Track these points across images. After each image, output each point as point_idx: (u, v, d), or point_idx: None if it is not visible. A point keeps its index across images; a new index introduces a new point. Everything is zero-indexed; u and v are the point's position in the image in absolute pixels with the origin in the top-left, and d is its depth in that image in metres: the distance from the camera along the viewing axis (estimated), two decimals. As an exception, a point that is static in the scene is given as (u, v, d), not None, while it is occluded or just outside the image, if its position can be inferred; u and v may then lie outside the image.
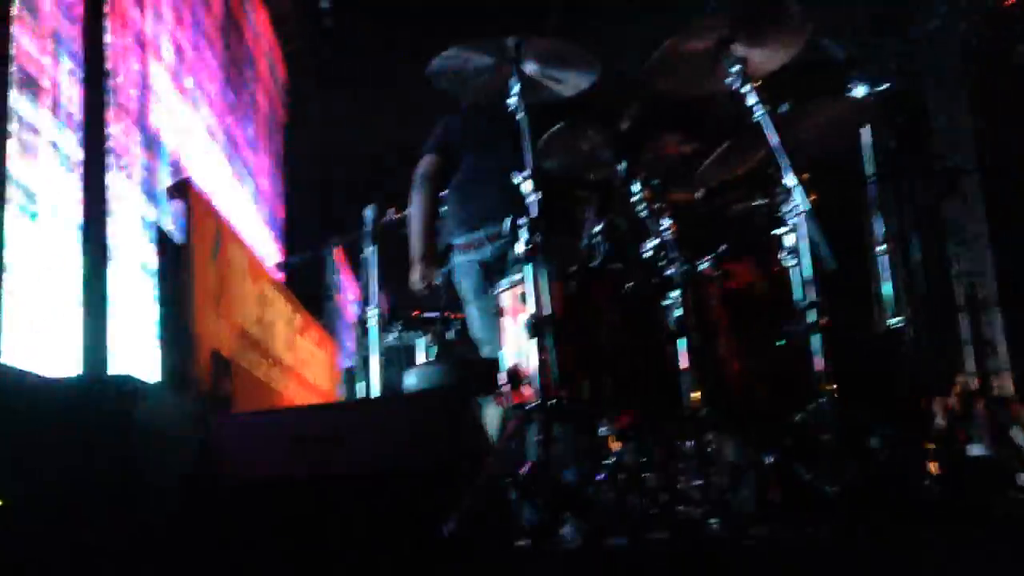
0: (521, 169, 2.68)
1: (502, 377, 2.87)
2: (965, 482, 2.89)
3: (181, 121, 5.41)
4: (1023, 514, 2.89)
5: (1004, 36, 12.28)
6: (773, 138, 2.65)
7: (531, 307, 2.59)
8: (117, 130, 4.03)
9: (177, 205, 4.90)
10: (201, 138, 5.95)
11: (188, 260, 4.45)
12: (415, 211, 3.98)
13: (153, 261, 4.36)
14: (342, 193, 11.24)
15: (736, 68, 2.72)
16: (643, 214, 3.00)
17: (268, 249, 8.45)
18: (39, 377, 2.44)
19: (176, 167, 5.23)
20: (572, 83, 2.94)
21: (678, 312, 2.79)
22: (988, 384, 11.61)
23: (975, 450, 7.15)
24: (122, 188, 4.05)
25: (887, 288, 3.26)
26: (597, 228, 3.04)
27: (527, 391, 2.81)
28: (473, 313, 3.78)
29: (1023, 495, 3.32)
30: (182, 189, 4.99)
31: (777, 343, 2.98)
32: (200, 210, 4.91)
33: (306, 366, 6.68)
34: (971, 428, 9.35)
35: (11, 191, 2.73)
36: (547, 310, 2.58)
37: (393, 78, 10.28)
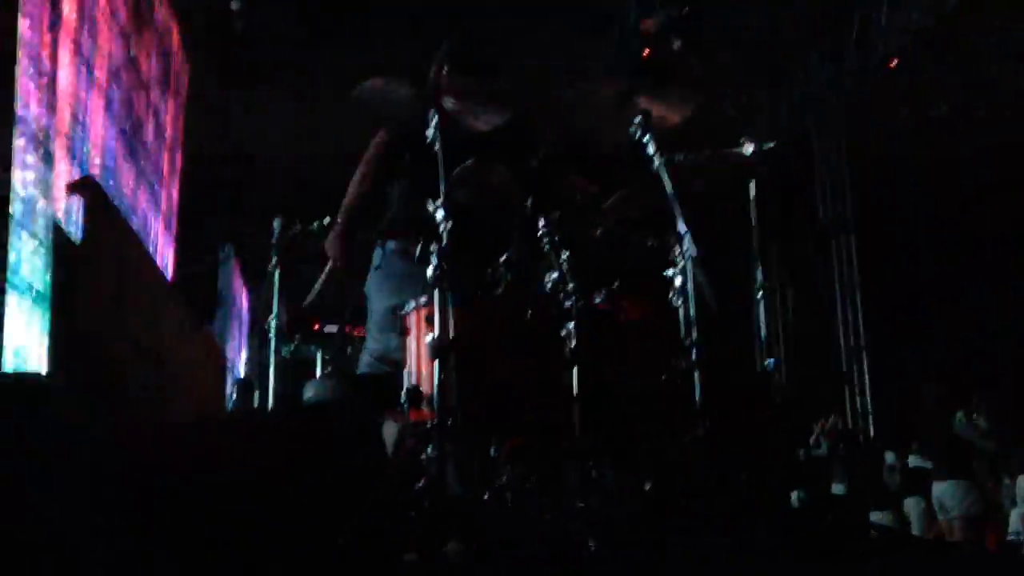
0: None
1: (402, 395, 2.97)
2: (822, 518, 3.13)
3: (80, 116, 5.33)
4: (870, 550, 3.14)
5: (886, 97, 13.08)
6: (668, 185, 2.85)
7: (436, 330, 2.71)
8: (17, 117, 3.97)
9: (77, 202, 4.84)
10: (101, 136, 5.87)
11: (84, 259, 4.41)
12: (352, 184, 3.69)
13: (49, 258, 4.30)
14: (247, 202, 11.16)
15: (638, 119, 2.92)
16: (545, 248, 3.17)
17: (166, 252, 8.31)
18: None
19: (79, 165, 5.15)
20: (487, 119, 3.08)
21: (572, 343, 2.95)
22: (855, 426, 12.27)
23: (836, 488, 7.63)
24: (18, 185, 3.99)
25: (763, 332, 3.50)
26: (501, 258, 3.19)
27: (425, 410, 2.92)
28: (378, 312, 3.63)
29: (874, 532, 3.59)
30: (82, 186, 4.93)
31: (662, 377, 3.18)
32: (99, 208, 4.86)
33: (194, 372, 6.61)
34: (834, 466, 9.93)
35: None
36: (450, 334, 2.71)
37: (305, 89, 10.31)
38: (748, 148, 3.12)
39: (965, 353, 13.90)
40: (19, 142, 3.93)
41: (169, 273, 6.97)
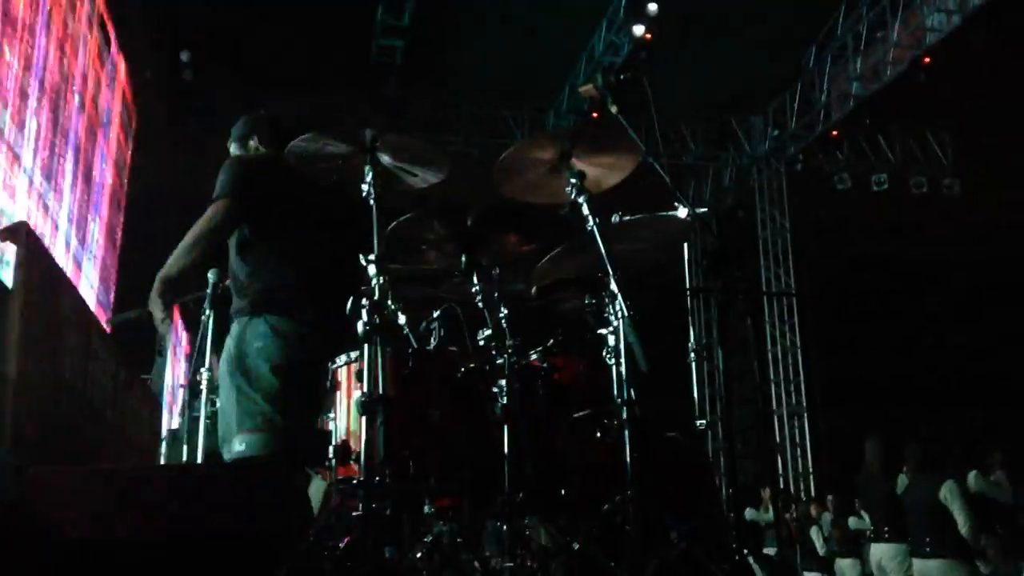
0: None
1: (330, 451, 2.94)
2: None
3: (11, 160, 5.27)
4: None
5: (828, 162, 13.44)
6: (602, 246, 2.89)
7: (365, 385, 2.69)
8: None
9: (10, 248, 4.75)
10: (34, 179, 5.79)
11: (14, 304, 4.32)
12: (182, 251, 3.48)
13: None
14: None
15: (574, 180, 2.96)
16: (480, 304, 3.19)
17: (100, 300, 8.17)
18: None
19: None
20: (423, 177, 3.11)
21: (504, 400, 2.96)
22: (787, 488, 12.36)
23: (767, 550, 7.67)
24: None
25: (695, 392, 3.54)
26: (435, 313, 3.20)
27: (354, 466, 2.89)
28: (239, 380, 3.32)
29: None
30: (16, 232, 4.85)
31: (596, 434, 3.19)
32: (33, 254, 4.78)
33: (127, 423, 6.47)
34: (766, 529, 9.98)
35: None
36: (380, 390, 2.69)
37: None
38: (682, 211, 3.18)
39: (905, 411, 14.17)
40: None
41: (105, 322, 6.84)
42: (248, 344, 3.30)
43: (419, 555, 2.86)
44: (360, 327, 2.69)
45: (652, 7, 9.04)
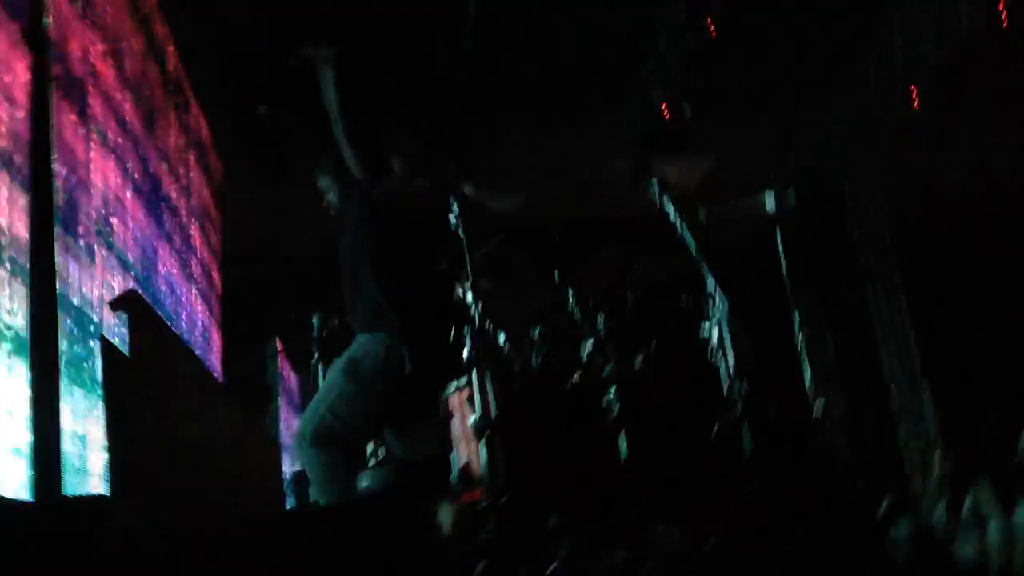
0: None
1: (453, 478, 2.99)
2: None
3: (125, 221, 5.48)
4: None
5: (921, 141, 12.98)
6: (693, 246, 2.89)
7: (477, 410, 2.74)
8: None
9: (121, 317, 4.96)
10: (143, 239, 6.02)
11: (130, 371, 4.50)
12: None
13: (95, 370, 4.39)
14: (284, 294, 11.34)
15: (656, 185, 2.97)
16: (578, 317, 3.21)
17: (211, 352, 8.45)
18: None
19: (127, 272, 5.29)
20: (507, 202, 3.14)
21: (616, 408, 2.97)
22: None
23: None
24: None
25: (808, 377, 3.49)
26: (535, 331, 3.23)
27: (478, 491, 2.94)
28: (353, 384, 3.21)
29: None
30: (128, 301, 5.05)
31: (711, 434, 3.17)
32: (143, 322, 4.97)
33: (250, 469, 6.65)
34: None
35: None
36: (492, 413, 2.74)
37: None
38: (769, 199, 3.15)
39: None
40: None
41: (218, 372, 7.07)
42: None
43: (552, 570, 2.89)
44: (466, 354, 2.74)
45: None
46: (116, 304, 5.07)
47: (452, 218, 2.94)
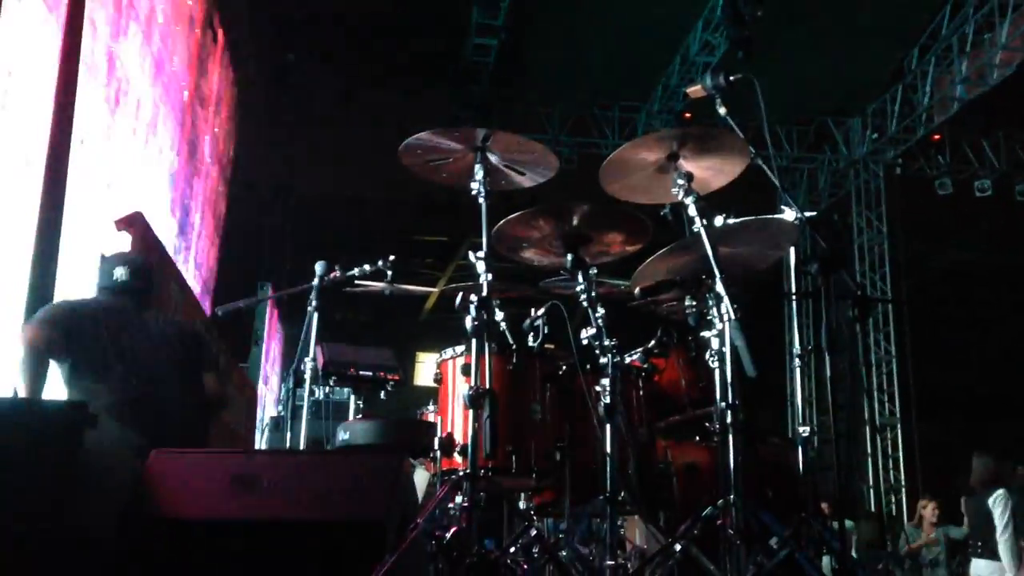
0: None
1: (435, 443, 2.99)
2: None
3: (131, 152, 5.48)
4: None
5: (928, 167, 13.05)
6: (708, 248, 2.87)
7: (472, 379, 2.73)
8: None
9: (125, 238, 4.95)
10: (153, 173, 6.02)
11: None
12: None
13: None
14: (283, 241, 11.34)
15: (681, 181, 2.96)
16: (583, 303, 3.20)
17: (206, 286, 8.43)
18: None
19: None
20: (531, 176, 3.14)
21: (607, 399, 2.96)
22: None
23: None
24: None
25: (797, 398, 3.49)
26: (539, 312, 3.22)
27: (457, 459, 2.94)
28: None
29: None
30: (133, 222, 5.05)
31: (696, 438, 3.18)
32: (146, 245, 4.98)
33: (228, 410, 6.65)
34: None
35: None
36: (486, 384, 2.73)
37: (349, 136, 10.52)
38: (789, 215, 3.13)
39: (1001, 425, 13.67)
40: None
41: (209, 311, 7.07)
42: None
43: (518, 549, 2.90)
44: (468, 323, 2.73)
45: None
46: (121, 224, 5.06)
47: (475, 185, 2.94)
